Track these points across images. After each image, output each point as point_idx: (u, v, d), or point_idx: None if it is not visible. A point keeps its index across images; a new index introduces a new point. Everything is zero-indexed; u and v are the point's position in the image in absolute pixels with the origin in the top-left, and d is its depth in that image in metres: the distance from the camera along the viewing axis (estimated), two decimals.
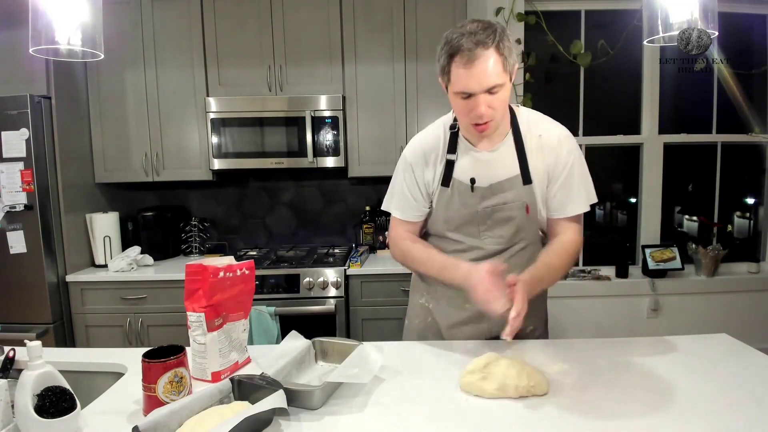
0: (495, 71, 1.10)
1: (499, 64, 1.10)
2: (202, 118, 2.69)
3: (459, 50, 1.09)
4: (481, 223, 1.30)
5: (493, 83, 1.11)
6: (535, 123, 1.29)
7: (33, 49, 1.10)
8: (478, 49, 1.08)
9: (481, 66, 1.09)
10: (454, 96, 1.17)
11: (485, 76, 1.10)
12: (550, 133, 1.27)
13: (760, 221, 3.03)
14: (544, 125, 1.30)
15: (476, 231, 1.31)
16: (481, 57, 1.08)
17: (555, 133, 1.27)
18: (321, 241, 3.11)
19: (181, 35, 2.67)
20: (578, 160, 1.27)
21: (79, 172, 2.63)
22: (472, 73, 1.10)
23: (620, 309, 2.77)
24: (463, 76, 1.11)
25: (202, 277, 1.13)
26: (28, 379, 0.89)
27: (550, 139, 1.26)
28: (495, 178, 1.27)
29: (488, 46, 1.09)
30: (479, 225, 1.30)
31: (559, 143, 1.26)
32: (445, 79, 1.17)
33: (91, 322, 2.54)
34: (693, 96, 2.94)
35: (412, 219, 1.39)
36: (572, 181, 1.27)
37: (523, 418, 0.95)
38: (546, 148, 1.26)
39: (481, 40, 1.08)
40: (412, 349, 1.32)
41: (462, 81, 1.12)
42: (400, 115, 2.72)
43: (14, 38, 2.36)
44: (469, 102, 1.14)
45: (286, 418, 0.96)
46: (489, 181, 1.27)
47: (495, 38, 1.09)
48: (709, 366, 1.15)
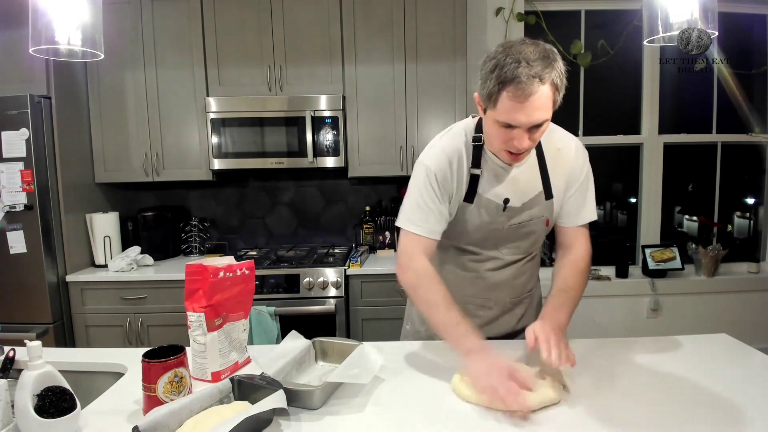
0: (546, 107, 1.03)
1: (551, 99, 1.03)
2: (202, 118, 2.69)
3: (513, 81, 0.99)
4: (502, 237, 1.29)
5: (543, 119, 1.04)
6: (550, 134, 1.24)
7: (33, 49, 1.10)
8: (534, 84, 0.99)
9: (535, 102, 1.01)
10: (495, 122, 1.08)
11: (536, 112, 1.02)
12: (567, 145, 1.26)
13: (760, 221, 3.03)
14: (558, 136, 1.27)
15: (497, 243, 1.30)
16: (536, 93, 1.00)
17: (572, 145, 1.26)
18: (321, 241, 3.11)
19: (181, 35, 2.67)
20: (590, 170, 1.28)
21: (79, 172, 2.63)
22: (523, 108, 1.01)
23: (620, 309, 2.77)
24: (512, 110, 1.02)
25: (202, 277, 1.13)
26: (28, 379, 0.89)
27: (568, 151, 1.25)
28: (525, 196, 1.24)
29: (545, 81, 1.00)
30: (501, 239, 1.29)
31: (576, 154, 1.26)
32: (488, 105, 1.07)
33: (91, 322, 2.54)
34: (693, 96, 2.95)
35: (430, 236, 1.23)
36: (586, 190, 1.27)
37: (523, 418, 0.95)
38: (565, 161, 1.25)
39: (539, 73, 0.99)
40: (412, 349, 1.31)
41: (510, 114, 1.03)
42: (400, 115, 2.72)
43: (14, 38, 2.36)
44: (511, 132, 1.07)
45: (286, 418, 0.96)
46: (521, 201, 1.24)
47: (552, 71, 1.01)
48: (709, 366, 1.15)
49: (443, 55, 2.67)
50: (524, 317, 1.41)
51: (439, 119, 2.71)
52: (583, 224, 1.29)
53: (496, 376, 0.98)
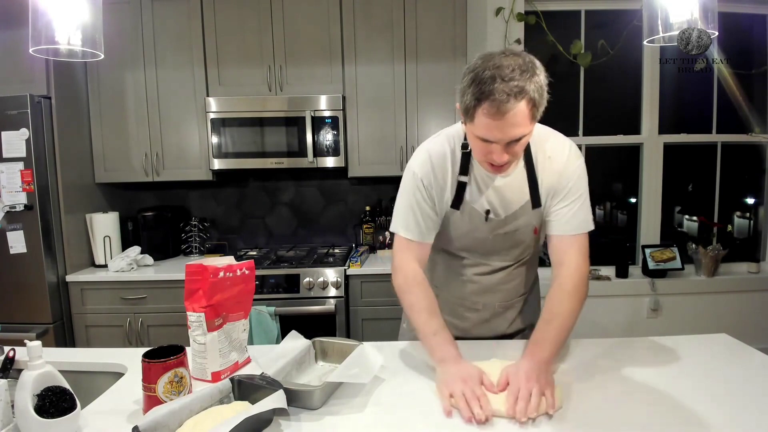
0: (523, 123, 0.99)
1: (528, 116, 0.99)
2: (202, 118, 2.69)
3: (489, 97, 0.96)
4: (491, 246, 1.28)
5: (519, 135, 1.01)
6: (542, 139, 1.20)
7: (33, 49, 1.10)
8: (510, 102, 0.95)
9: (511, 119, 0.97)
10: (473, 136, 1.06)
11: (513, 129, 0.99)
12: (560, 153, 1.20)
13: (760, 221, 3.02)
14: (551, 142, 1.21)
15: (486, 251, 1.30)
16: (512, 110, 0.96)
17: (564, 152, 1.20)
18: (321, 241, 3.11)
19: (181, 35, 2.67)
20: (584, 178, 1.20)
21: (79, 172, 2.63)
22: (499, 125, 0.98)
23: (620, 309, 2.77)
24: (489, 126, 1.00)
25: (202, 277, 1.13)
26: (28, 379, 0.89)
27: (560, 158, 1.19)
28: (510, 208, 1.22)
29: (521, 98, 0.96)
30: (489, 247, 1.28)
31: (568, 161, 1.19)
32: (467, 118, 1.04)
33: (91, 322, 2.54)
34: (693, 96, 2.94)
35: (424, 240, 1.25)
36: (576, 198, 1.19)
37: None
38: (555, 170, 1.19)
39: (515, 91, 0.95)
40: (412, 349, 1.31)
41: (486, 130, 1.01)
42: (400, 115, 2.72)
43: (14, 38, 2.36)
44: (490, 146, 1.04)
45: (286, 418, 0.96)
46: (504, 212, 1.22)
47: (531, 86, 0.97)
48: (709, 366, 1.16)
49: (443, 55, 2.67)
50: (516, 321, 1.40)
51: (439, 119, 2.71)
52: (574, 234, 1.18)
53: (461, 383, 0.99)
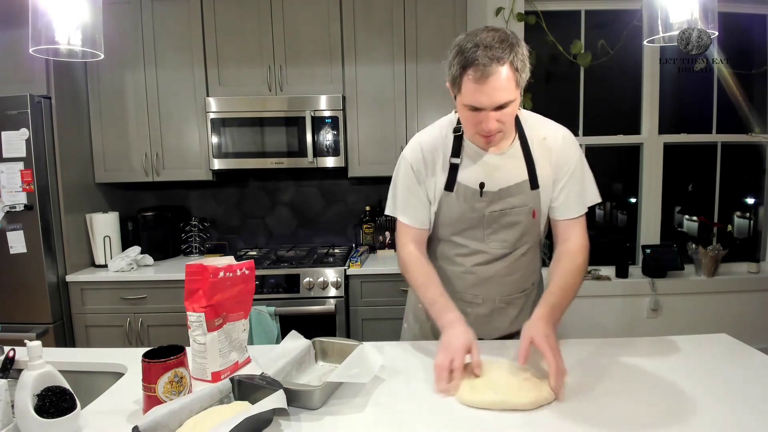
0: (508, 87, 1.07)
1: (512, 80, 1.07)
2: (202, 118, 2.69)
3: (473, 64, 1.05)
4: (486, 227, 1.28)
5: (505, 100, 1.08)
6: (537, 125, 1.28)
7: (33, 49, 1.10)
8: (492, 65, 1.04)
9: (495, 83, 1.05)
10: (463, 107, 1.14)
11: (498, 92, 1.07)
12: (554, 135, 1.26)
13: (760, 221, 3.03)
14: (546, 127, 1.28)
15: (481, 234, 1.30)
16: (495, 74, 1.05)
17: (559, 134, 1.27)
18: (321, 241, 3.11)
19: (181, 35, 2.67)
20: (581, 160, 1.27)
21: (79, 172, 2.63)
22: (485, 89, 1.06)
23: (620, 309, 2.77)
24: (475, 91, 1.08)
25: (202, 277, 1.13)
26: (28, 379, 0.89)
27: (554, 140, 1.26)
28: (504, 182, 1.25)
29: (503, 62, 1.04)
30: (485, 229, 1.29)
31: (564, 143, 1.26)
32: (455, 89, 1.14)
33: (91, 322, 2.54)
34: (693, 96, 2.95)
35: (417, 225, 1.33)
36: (576, 182, 1.26)
37: (524, 417, 0.95)
38: (551, 150, 1.25)
39: (497, 56, 1.04)
40: (412, 349, 1.31)
41: (473, 96, 1.09)
42: (400, 115, 2.72)
43: (14, 38, 2.36)
44: (479, 115, 1.11)
45: (286, 418, 0.96)
46: (498, 186, 1.25)
47: (511, 53, 1.05)
48: (709, 366, 1.15)
49: (443, 55, 2.64)
50: (518, 319, 1.36)
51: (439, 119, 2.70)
52: (577, 217, 1.26)
53: (443, 351, 1.07)
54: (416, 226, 1.33)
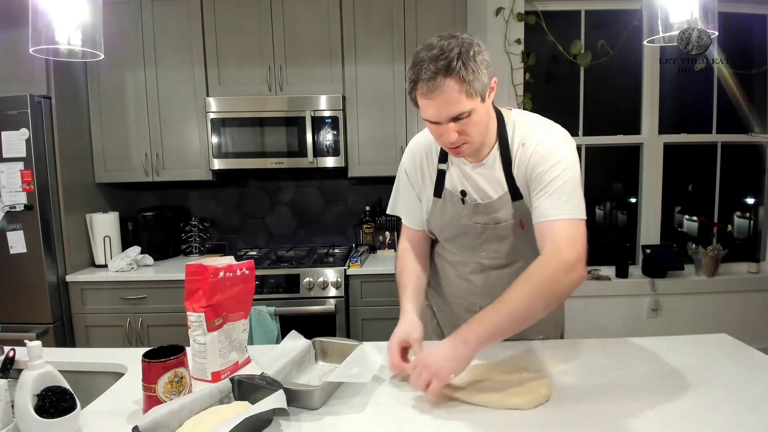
0: (458, 100, 1.00)
1: (461, 92, 0.99)
2: (202, 118, 2.69)
3: (419, 78, 1.00)
4: (476, 237, 1.25)
5: (457, 112, 1.02)
6: (528, 128, 1.16)
7: (33, 49, 1.10)
8: (438, 79, 0.98)
9: (442, 96, 1.00)
10: (425, 120, 1.09)
11: (447, 106, 1.01)
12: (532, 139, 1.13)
13: (760, 221, 3.03)
14: (530, 130, 1.15)
15: (472, 243, 1.27)
16: (440, 87, 0.99)
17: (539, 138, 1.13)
18: (321, 241, 3.11)
19: (181, 35, 2.67)
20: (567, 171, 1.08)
21: (79, 172, 2.63)
22: (432, 104, 1.02)
23: (620, 309, 2.77)
24: (426, 107, 1.04)
25: (202, 277, 1.13)
26: (28, 379, 0.89)
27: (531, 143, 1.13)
28: (485, 196, 1.20)
29: (448, 74, 0.98)
30: (474, 238, 1.26)
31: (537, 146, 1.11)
32: (414, 104, 1.09)
33: (91, 322, 2.54)
34: (693, 96, 2.95)
35: (414, 226, 1.35)
36: (553, 187, 1.08)
37: (523, 417, 0.95)
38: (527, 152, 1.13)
39: (441, 68, 0.97)
40: None
41: (425, 110, 1.05)
42: (400, 115, 2.72)
43: (14, 38, 2.36)
44: (438, 128, 1.07)
45: (286, 418, 0.96)
46: (479, 199, 1.21)
47: (456, 63, 0.97)
48: (709, 366, 1.15)
49: None
50: None
51: None
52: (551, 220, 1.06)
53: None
54: (413, 227, 1.36)
